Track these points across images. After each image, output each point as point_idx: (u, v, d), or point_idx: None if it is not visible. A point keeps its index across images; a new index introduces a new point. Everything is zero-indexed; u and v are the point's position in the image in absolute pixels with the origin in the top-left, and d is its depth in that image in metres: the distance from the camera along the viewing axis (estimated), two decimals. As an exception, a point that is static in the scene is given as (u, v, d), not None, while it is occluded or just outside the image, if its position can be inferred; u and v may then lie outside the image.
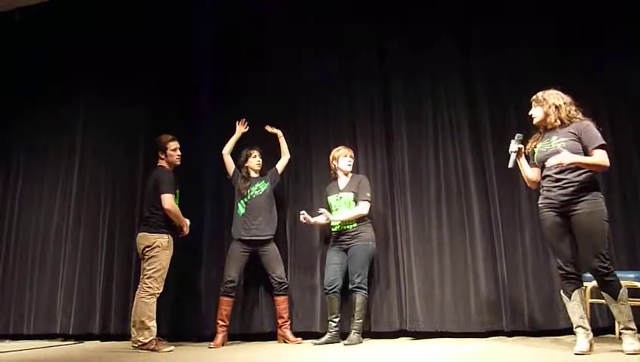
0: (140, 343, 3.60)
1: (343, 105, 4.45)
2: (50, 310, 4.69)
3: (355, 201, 3.88)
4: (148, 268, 3.72)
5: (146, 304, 3.65)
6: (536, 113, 3.01)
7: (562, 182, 2.81)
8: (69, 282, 4.69)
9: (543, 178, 2.93)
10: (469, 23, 4.22)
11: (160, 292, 3.73)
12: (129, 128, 4.88)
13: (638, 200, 3.73)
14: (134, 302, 3.72)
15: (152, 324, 3.64)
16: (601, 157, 2.77)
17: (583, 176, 2.79)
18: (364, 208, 3.85)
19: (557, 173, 2.83)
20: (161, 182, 3.78)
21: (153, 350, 3.58)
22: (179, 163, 4.00)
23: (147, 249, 3.73)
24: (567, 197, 2.80)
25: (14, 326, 4.78)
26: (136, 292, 3.73)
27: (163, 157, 3.94)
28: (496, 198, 3.89)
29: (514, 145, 3.04)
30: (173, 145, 3.96)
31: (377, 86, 4.38)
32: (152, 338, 3.62)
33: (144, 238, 3.76)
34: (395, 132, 4.25)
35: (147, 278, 3.70)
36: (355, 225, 3.84)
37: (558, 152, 2.80)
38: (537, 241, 3.75)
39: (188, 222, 3.92)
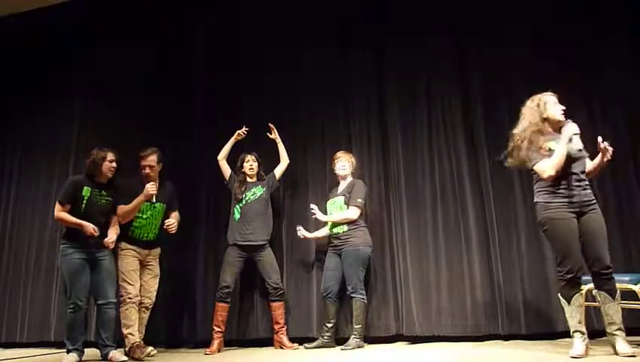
0: (125, 353, 3.57)
1: (338, 107, 4.45)
2: (44, 317, 4.65)
3: (347, 205, 3.87)
4: None
5: (121, 313, 3.61)
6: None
7: (584, 183, 2.89)
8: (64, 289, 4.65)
9: (565, 176, 2.85)
10: (466, 24, 4.23)
11: (131, 297, 3.59)
12: (125, 130, 4.84)
13: (632, 203, 3.73)
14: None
15: (128, 332, 3.58)
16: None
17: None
18: (352, 213, 3.81)
19: (583, 173, 2.89)
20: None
21: (132, 358, 3.51)
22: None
23: None
24: (586, 198, 2.86)
25: (7, 333, 4.74)
26: None
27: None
28: (492, 201, 3.89)
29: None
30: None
31: (373, 87, 4.39)
32: (129, 346, 3.56)
33: None
34: (390, 134, 4.25)
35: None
36: (345, 229, 3.83)
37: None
38: (533, 244, 3.75)
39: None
